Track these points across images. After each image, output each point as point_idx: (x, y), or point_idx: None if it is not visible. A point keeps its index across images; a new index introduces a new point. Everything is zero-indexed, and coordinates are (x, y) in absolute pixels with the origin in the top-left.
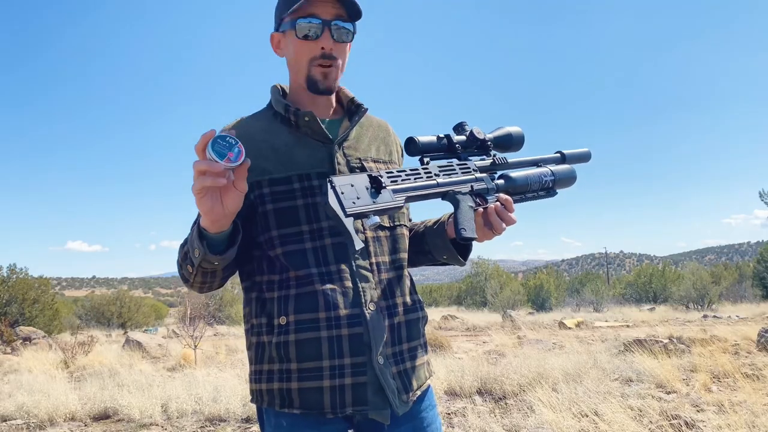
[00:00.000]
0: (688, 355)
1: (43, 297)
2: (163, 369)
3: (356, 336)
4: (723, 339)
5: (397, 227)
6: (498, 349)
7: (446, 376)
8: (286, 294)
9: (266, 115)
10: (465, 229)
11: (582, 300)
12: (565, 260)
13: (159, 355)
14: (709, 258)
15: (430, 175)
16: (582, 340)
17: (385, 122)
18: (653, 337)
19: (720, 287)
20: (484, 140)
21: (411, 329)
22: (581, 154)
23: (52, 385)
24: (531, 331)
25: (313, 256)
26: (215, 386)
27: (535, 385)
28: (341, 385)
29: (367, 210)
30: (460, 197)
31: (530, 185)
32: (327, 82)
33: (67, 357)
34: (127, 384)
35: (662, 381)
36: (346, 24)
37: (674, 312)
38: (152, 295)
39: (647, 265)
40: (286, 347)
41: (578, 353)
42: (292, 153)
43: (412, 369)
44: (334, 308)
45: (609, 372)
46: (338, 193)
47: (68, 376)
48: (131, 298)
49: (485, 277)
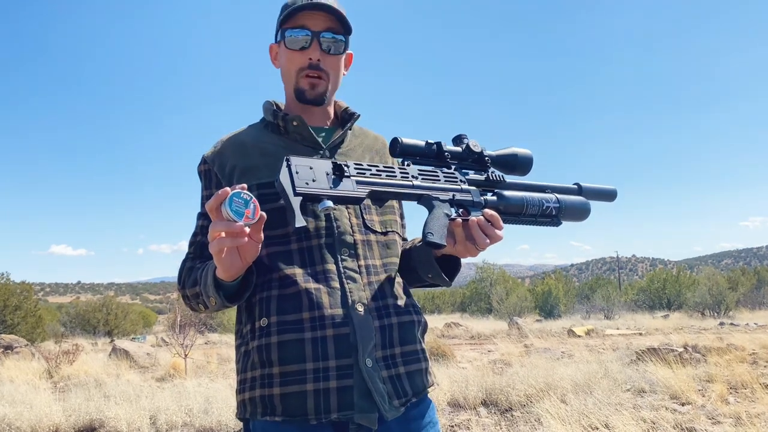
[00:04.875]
0: (704, 364)
1: (25, 303)
2: (151, 379)
3: (342, 337)
4: (740, 348)
5: (389, 233)
6: (504, 359)
7: (449, 386)
8: (268, 295)
9: (257, 127)
10: (432, 233)
11: (592, 307)
12: (574, 265)
13: (147, 365)
14: (726, 262)
15: (407, 176)
16: (592, 349)
17: (382, 137)
18: (667, 346)
19: (737, 293)
20: (481, 154)
21: (405, 332)
22: (603, 191)
23: (35, 396)
24: (538, 340)
25: (299, 256)
26: (206, 397)
27: (543, 396)
28: (326, 389)
29: (320, 193)
30: (436, 203)
31: (527, 208)
32: (314, 93)
33: (50, 366)
34: (114, 395)
35: (676, 392)
36: (336, 36)
37: (689, 319)
38: (140, 302)
39: (661, 269)
40: (268, 350)
41: (588, 363)
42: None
43: (407, 374)
44: (319, 308)
45: (620, 382)
46: (293, 172)
47: (52, 386)
48: (118, 305)
49: (490, 283)
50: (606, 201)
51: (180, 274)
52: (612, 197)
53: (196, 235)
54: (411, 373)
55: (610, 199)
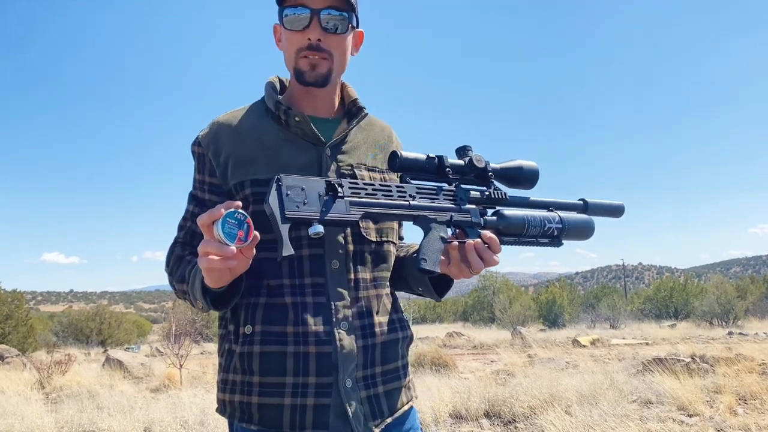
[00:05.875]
0: (712, 375)
1: (16, 312)
2: (146, 390)
3: (324, 355)
4: (750, 358)
5: (384, 243)
6: (507, 369)
7: (451, 397)
8: (255, 302)
9: (257, 110)
10: (426, 260)
11: (597, 316)
12: (579, 273)
13: (141, 375)
14: (735, 270)
15: (404, 194)
16: (597, 359)
17: (389, 127)
18: (674, 356)
19: (746, 302)
20: (484, 169)
21: (387, 351)
22: (610, 207)
23: (26, 407)
24: (542, 350)
25: (288, 266)
26: (202, 409)
27: (547, 407)
28: (303, 405)
29: (310, 218)
30: (433, 225)
31: (528, 228)
32: (314, 74)
33: (42, 377)
34: (108, 406)
35: (684, 403)
36: (339, 13)
37: (697, 329)
38: (134, 311)
39: (668, 278)
40: (250, 359)
41: (593, 373)
42: (279, 153)
43: (385, 394)
44: (303, 323)
45: (626, 393)
46: (283, 194)
47: (44, 397)
48: (112, 314)
49: (493, 291)
50: (613, 217)
51: (168, 259)
52: (619, 213)
53: (187, 219)
54: (389, 391)
55: (617, 215)
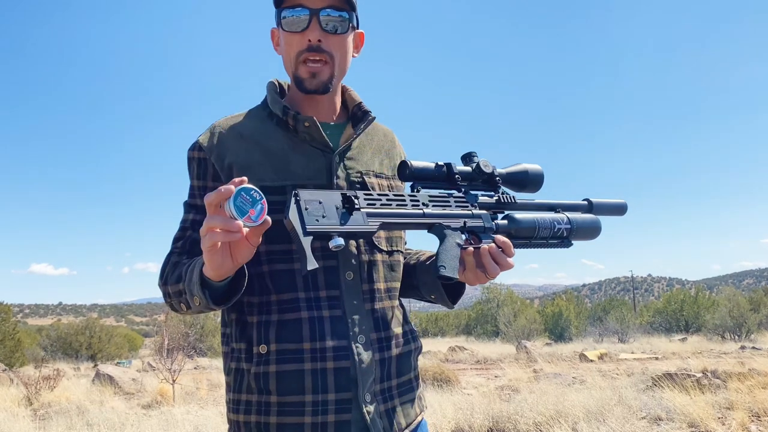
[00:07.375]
0: (724, 390)
1: (3, 326)
2: (137, 406)
3: (342, 370)
4: (763, 373)
5: (395, 253)
6: (512, 384)
7: (454, 414)
8: (267, 320)
9: (259, 115)
10: (445, 267)
11: (605, 329)
12: (586, 285)
13: (133, 391)
14: (747, 282)
15: (417, 203)
16: (605, 374)
17: (391, 131)
18: (685, 371)
19: (759, 315)
20: (492, 174)
21: (402, 364)
22: (613, 205)
23: (13, 424)
24: (548, 364)
25: (302, 279)
26: (195, 426)
27: (554, 424)
28: (324, 422)
29: (331, 231)
30: (448, 232)
31: (538, 231)
32: (315, 82)
33: (30, 393)
34: (98, 423)
35: (695, 420)
36: (339, 13)
37: (708, 343)
38: (125, 324)
39: (678, 290)
40: (266, 379)
41: (601, 389)
42: (287, 160)
43: (401, 405)
44: (321, 339)
45: (635, 410)
46: (302, 208)
47: (32, 414)
48: (102, 327)
49: (497, 304)
50: (616, 215)
51: (163, 268)
52: (622, 211)
53: (185, 229)
54: (404, 404)
55: (621, 213)
